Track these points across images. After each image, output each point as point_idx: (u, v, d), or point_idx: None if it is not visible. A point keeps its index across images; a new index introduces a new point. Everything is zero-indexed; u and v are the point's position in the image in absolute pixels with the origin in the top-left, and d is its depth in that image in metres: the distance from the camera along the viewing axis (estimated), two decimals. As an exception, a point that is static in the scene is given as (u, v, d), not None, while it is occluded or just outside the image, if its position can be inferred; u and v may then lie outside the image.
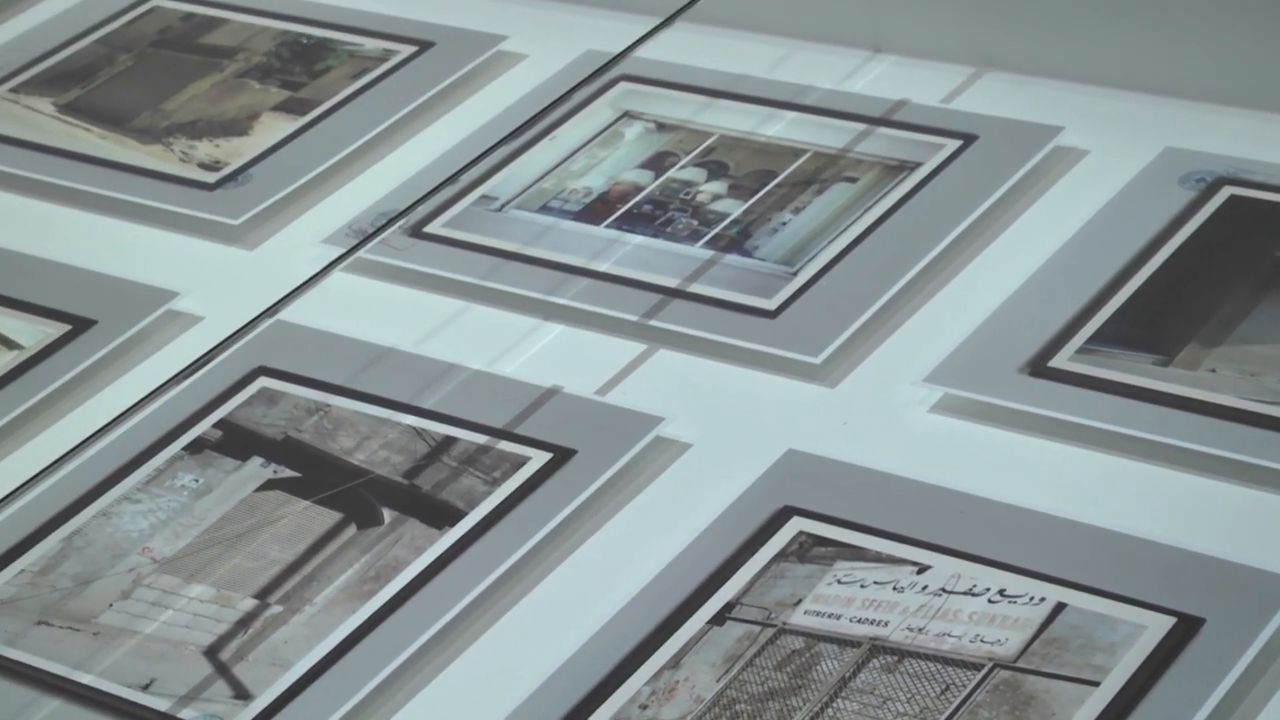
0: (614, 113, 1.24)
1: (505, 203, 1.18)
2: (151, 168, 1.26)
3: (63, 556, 0.99)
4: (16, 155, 1.28)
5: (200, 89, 1.32)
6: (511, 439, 1.02)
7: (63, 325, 1.13)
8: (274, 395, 1.07)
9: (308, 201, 1.22)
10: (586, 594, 0.94)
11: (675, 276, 1.10)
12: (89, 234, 1.22)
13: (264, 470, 1.02)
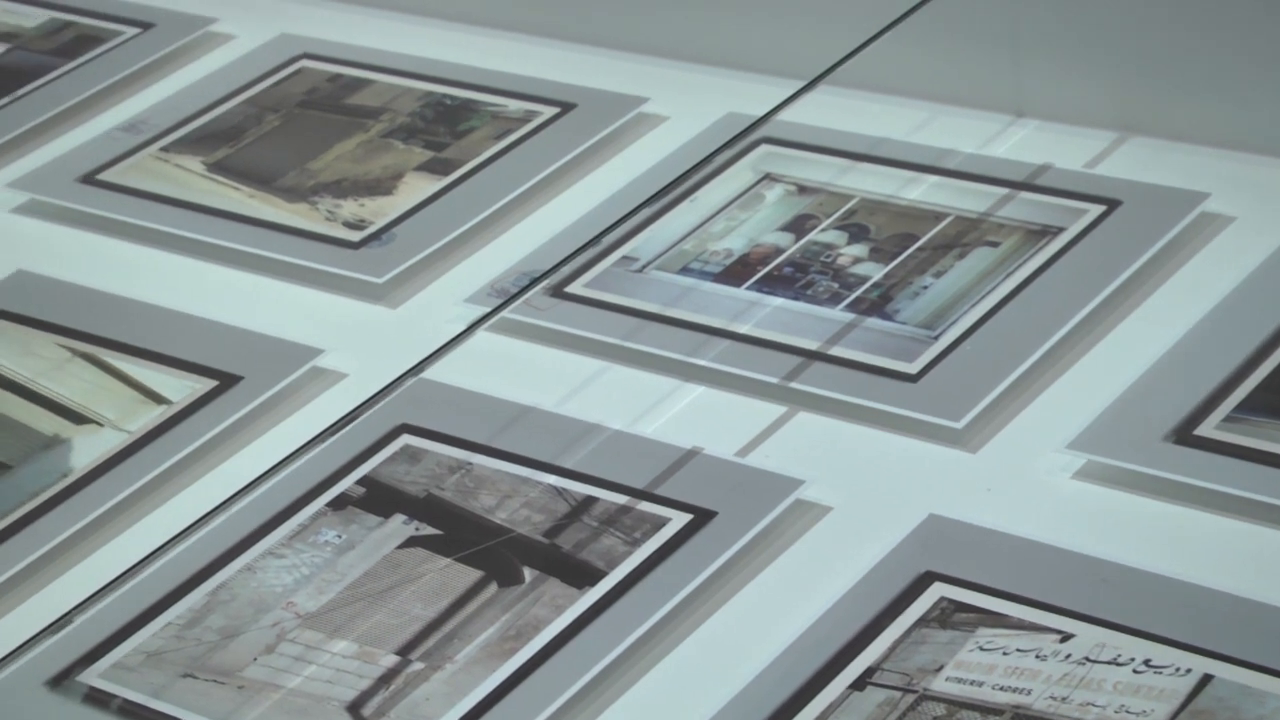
0: (755, 175, 1.24)
1: (646, 264, 1.19)
2: (297, 226, 1.27)
3: (208, 610, 1.00)
4: (166, 213, 1.30)
5: (346, 149, 1.34)
6: (652, 500, 1.02)
7: (210, 381, 1.15)
8: (416, 453, 1.08)
9: (450, 261, 1.23)
10: (726, 657, 0.94)
11: (816, 339, 1.11)
12: (236, 291, 1.24)
13: (406, 527, 1.03)
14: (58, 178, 1.35)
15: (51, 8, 1.53)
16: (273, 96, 1.41)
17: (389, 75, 1.41)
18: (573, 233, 1.22)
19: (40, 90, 1.44)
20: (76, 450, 1.11)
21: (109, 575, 1.01)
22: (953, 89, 1.26)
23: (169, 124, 1.39)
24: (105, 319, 1.21)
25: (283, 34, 1.47)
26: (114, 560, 1.04)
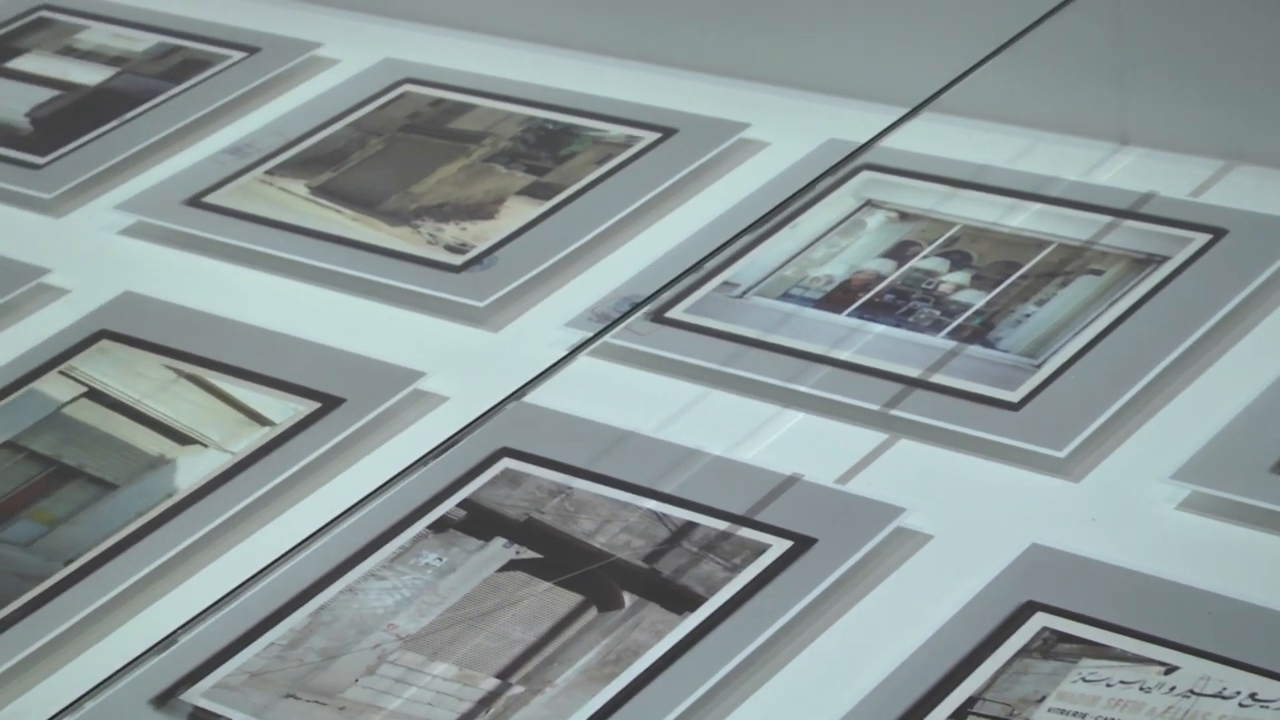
0: (856, 201, 1.24)
1: (747, 289, 1.19)
2: (400, 250, 1.28)
3: (310, 631, 1.01)
4: (271, 236, 1.31)
5: (448, 173, 1.35)
6: (751, 526, 1.02)
7: (312, 403, 1.16)
8: (517, 476, 1.08)
9: (551, 285, 1.24)
10: (825, 685, 0.93)
11: (917, 366, 1.10)
12: (339, 313, 1.25)
13: (506, 551, 1.04)
14: (165, 200, 1.37)
15: (160, 32, 1.55)
16: (376, 120, 1.42)
17: (491, 100, 1.41)
18: (673, 258, 1.22)
19: (148, 113, 1.45)
20: (181, 471, 1.12)
21: (213, 595, 1.02)
22: (1057, 115, 1.26)
23: (274, 147, 1.40)
24: (210, 340, 1.22)
25: (386, 59, 1.48)
26: (217, 580, 1.05)
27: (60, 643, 1.02)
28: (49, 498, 1.11)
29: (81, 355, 1.22)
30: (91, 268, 1.31)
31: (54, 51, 1.54)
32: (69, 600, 1.04)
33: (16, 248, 1.33)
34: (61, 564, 1.06)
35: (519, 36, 1.48)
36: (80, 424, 1.17)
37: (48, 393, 1.19)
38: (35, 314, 1.27)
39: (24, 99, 1.49)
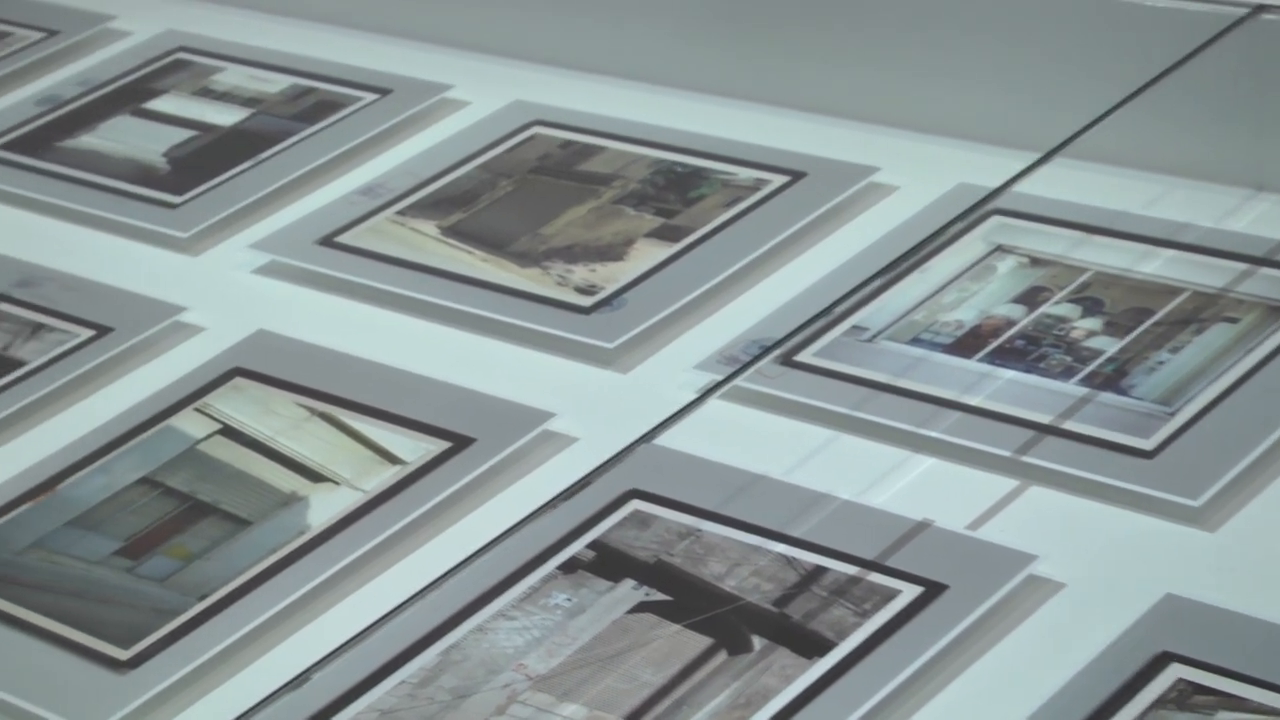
0: (986, 246, 1.24)
1: (876, 333, 1.19)
2: (529, 290, 1.29)
3: (440, 670, 1.01)
4: (402, 276, 1.33)
5: (577, 214, 1.36)
6: (882, 571, 1.02)
7: (443, 442, 1.17)
8: (646, 518, 1.09)
9: (680, 327, 1.24)
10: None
11: (1048, 413, 1.10)
12: (469, 354, 1.26)
13: (636, 593, 1.04)
14: (298, 239, 1.38)
15: (294, 74, 1.57)
16: (506, 162, 1.43)
17: (621, 142, 1.42)
18: (802, 301, 1.22)
19: (282, 154, 1.47)
20: (313, 508, 1.13)
21: (344, 632, 1.03)
22: (1191, 161, 1.25)
23: (405, 188, 1.42)
24: (342, 379, 1.23)
25: (517, 101, 1.49)
26: (349, 617, 1.06)
27: (195, 678, 1.04)
28: (184, 533, 1.13)
29: (216, 392, 1.24)
30: (226, 306, 1.33)
31: (191, 93, 1.57)
32: (203, 636, 1.05)
33: (154, 286, 1.35)
34: (196, 599, 1.08)
35: (649, 79, 1.48)
36: (215, 460, 1.18)
37: (183, 429, 1.21)
38: (171, 351, 1.29)
39: (162, 139, 1.52)
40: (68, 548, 1.13)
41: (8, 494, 1.17)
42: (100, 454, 1.20)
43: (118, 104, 1.57)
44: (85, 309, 1.33)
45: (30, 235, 1.43)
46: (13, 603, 1.09)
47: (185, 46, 1.63)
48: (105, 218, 1.44)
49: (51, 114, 1.57)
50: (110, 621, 1.07)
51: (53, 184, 1.48)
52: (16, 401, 1.25)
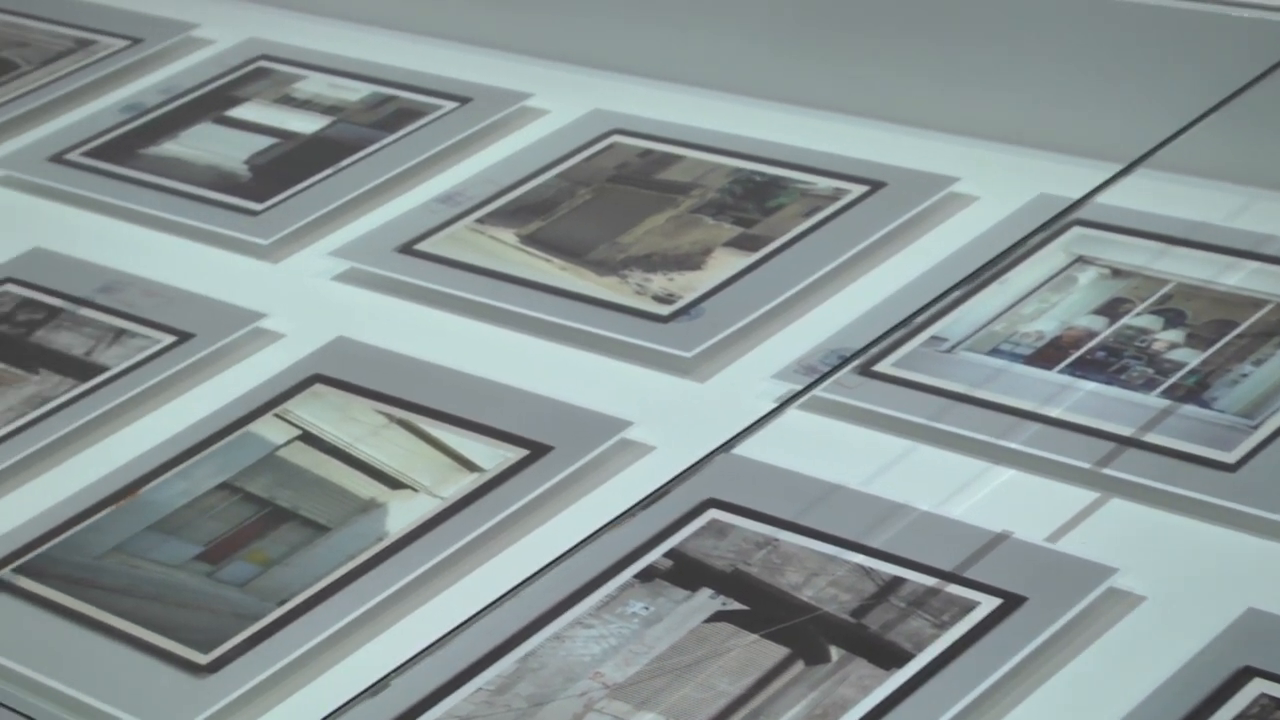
0: (1067, 257, 1.23)
1: (955, 344, 1.18)
2: (608, 299, 1.29)
3: (517, 677, 1.01)
4: (480, 283, 1.33)
5: (656, 223, 1.36)
6: (960, 582, 1.01)
7: (521, 450, 1.17)
8: (723, 528, 1.09)
9: (758, 336, 1.24)
10: (1035, 745, 0.93)
11: (1129, 425, 1.09)
12: (547, 361, 1.26)
13: (713, 602, 1.04)
14: (377, 247, 1.39)
15: (375, 82, 1.57)
16: (585, 171, 1.43)
17: (699, 151, 1.42)
18: (881, 312, 1.22)
19: (362, 162, 1.48)
20: (392, 515, 1.14)
21: (422, 639, 1.04)
22: (1275, 173, 1.24)
23: (484, 196, 1.42)
24: (421, 386, 1.24)
25: (595, 110, 1.49)
26: (427, 624, 1.06)
27: (274, 682, 1.04)
28: (264, 539, 1.13)
29: (296, 399, 1.24)
30: (306, 313, 1.34)
31: (272, 100, 1.58)
32: (282, 640, 1.06)
33: (234, 292, 1.36)
34: (275, 604, 1.08)
35: (728, 88, 1.49)
36: (294, 466, 1.19)
37: (263, 435, 1.22)
38: (251, 357, 1.30)
39: (243, 146, 1.53)
40: (148, 552, 1.14)
41: (90, 498, 1.18)
42: (181, 459, 1.21)
43: (200, 111, 1.58)
44: (167, 315, 1.34)
45: (113, 241, 1.44)
46: (94, 606, 1.10)
47: (267, 55, 1.64)
48: (187, 224, 1.45)
49: (135, 121, 1.58)
50: (190, 626, 1.08)
51: (136, 191, 1.49)
52: (99, 406, 1.26)
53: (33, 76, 1.66)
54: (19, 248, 1.44)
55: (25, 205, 1.51)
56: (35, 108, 1.62)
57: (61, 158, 1.55)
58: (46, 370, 1.30)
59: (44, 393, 1.28)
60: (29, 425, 1.25)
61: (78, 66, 1.66)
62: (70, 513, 1.17)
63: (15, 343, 1.34)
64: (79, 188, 1.51)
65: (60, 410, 1.26)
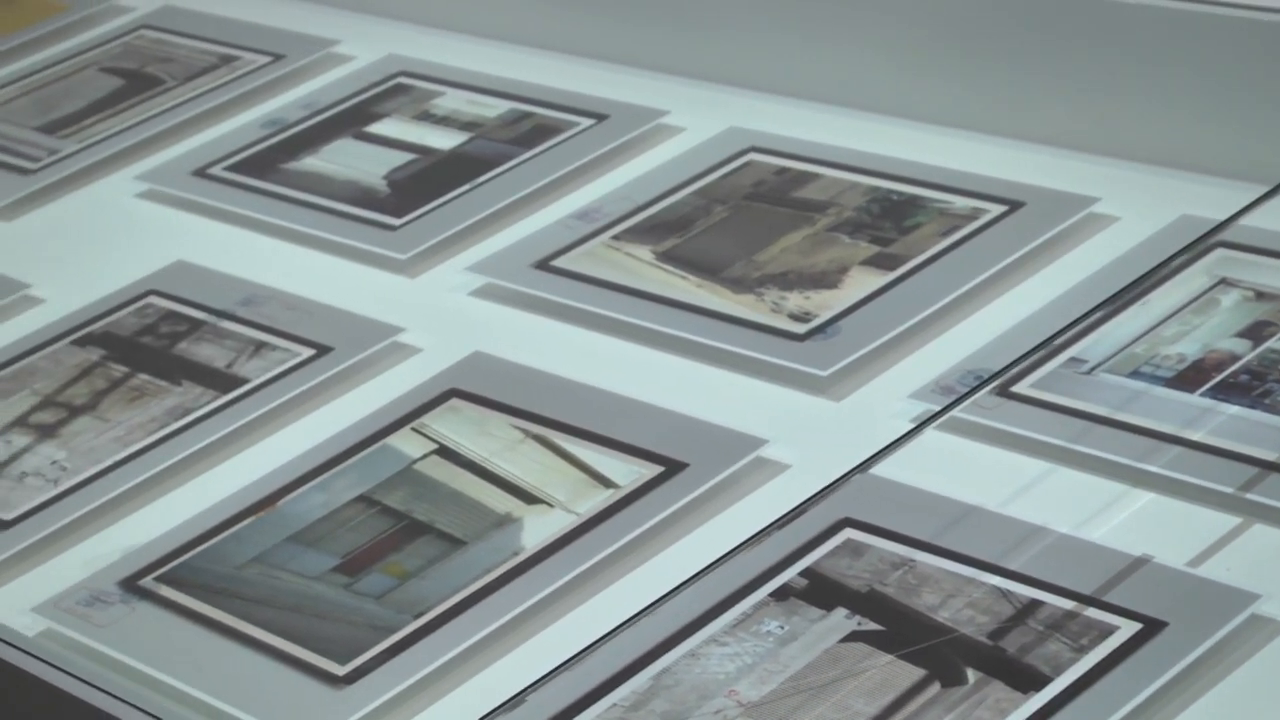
0: (1209, 279, 1.22)
1: (1095, 366, 1.17)
2: (743, 317, 1.29)
3: (652, 694, 1.01)
4: (616, 300, 1.33)
5: (792, 241, 1.36)
6: (1099, 606, 1.00)
7: (656, 467, 1.17)
8: (859, 547, 1.08)
9: (895, 356, 1.24)
10: (1175, 772, 0.92)
11: (1272, 449, 1.08)
12: (682, 379, 1.26)
13: (848, 622, 1.04)
14: (514, 263, 1.40)
15: (512, 99, 1.58)
16: (721, 188, 1.43)
17: (835, 169, 1.42)
18: (1019, 332, 1.21)
19: (499, 178, 1.49)
20: (527, 530, 1.14)
21: (556, 653, 1.04)
22: None
23: (620, 213, 1.42)
24: (556, 402, 1.24)
25: (732, 127, 1.50)
26: (561, 639, 1.06)
27: (410, 694, 1.05)
28: (400, 551, 1.14)
29: (433, 413, 1.25)
30: (443, 327, 1.35)
31: (411, 117, 1.59)
32: (419, 653, 1.07)
33: (373, 306, 1.37)
34: (412, 616, 1.09)
35: (864, 107, 1.48)
36: (431, 480, 1.20)
37: (400, 449, 1.23)
38: (389, 371, 1.31)
39: (382, 162, 1.54)
40: (287, 563, 1.15)
41: (230, 509, 1.20)
42: (319, 471, 1.22)
43: (340, 127, 1.60)
44: (306, 328, 1.35)
45: (254, 255, 1.46)
46: (234, 616, 1.11)
47: (406, 71, 1.66)
48: (326, 239, 1.46)
49: (276, 136, 1.60)
50: (327, 637, 1.09)
51: (276, 205, 1.51)
52: (239, 418, 1.27)
53: (177, 92, 1.69)
54: (162, 260, 1.46)
55: (169, 219, 1.53)
56: (179, 123, 1.64)
57: (204, 172, 1.57)
58: (189, 382, 1.32)
59: (186, 404, 1.30)
60: (171, 436, 1.27)
61: (221, 82, 1.69)
62: (211, 523, 1.19)
63: (158, 354, 1.36)
64: (221, 202, 1.53)
65: (201, 422, 1.27)
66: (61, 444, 1.28)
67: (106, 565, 1.16)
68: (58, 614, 1.13)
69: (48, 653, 1.03)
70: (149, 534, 1.19)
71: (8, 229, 1.56)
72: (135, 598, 1.13)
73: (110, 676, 1.04)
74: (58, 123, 1.67)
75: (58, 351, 1.37)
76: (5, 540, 1.20)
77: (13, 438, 1.29)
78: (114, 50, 1.79)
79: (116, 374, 1.34)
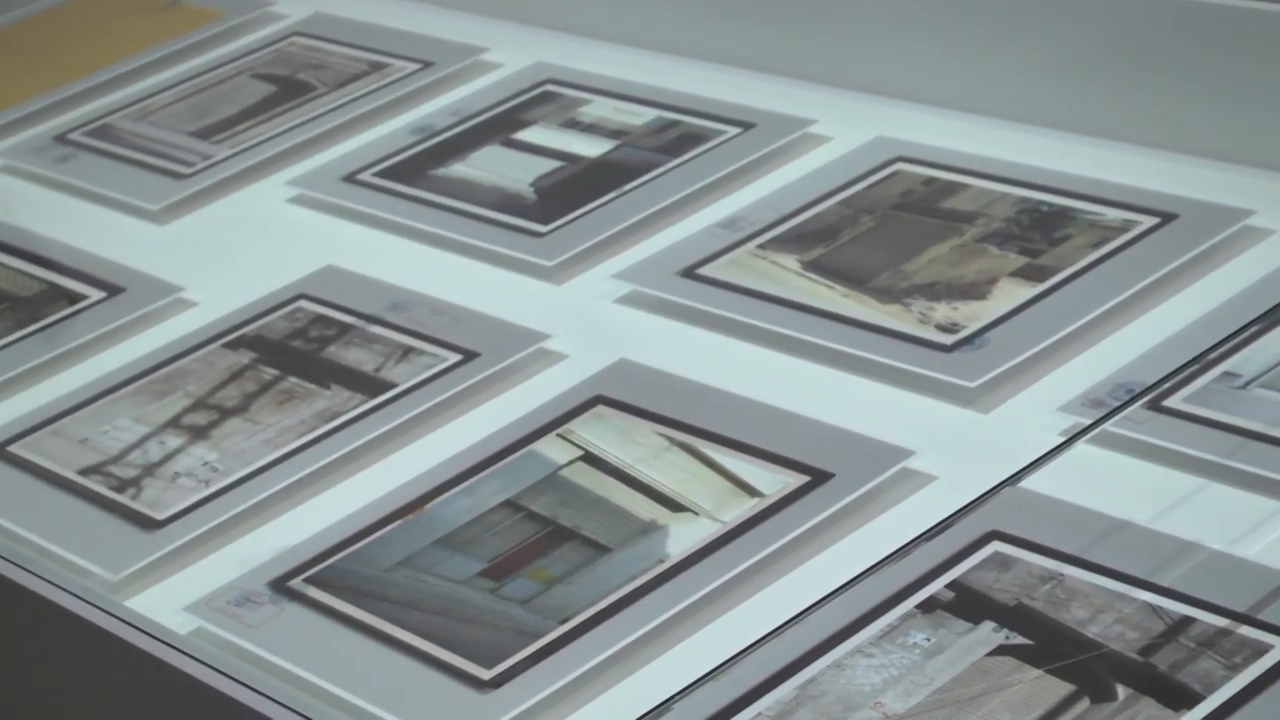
0: (1367, 294, 1.20)
1: (1249, 380, 1.16)
2: (890, 327, 1.29)
3: (798, 704, 1.01)
4: (762, 309, 1.33)
5: (940, 252, 1.35)
6: (1253, 624, 0.99)
7: (801, 476, 1.17)
8: (1006, 560, 1.07)
9: (1043, 368, 1.23)
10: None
11: None
12: (828, 388, 1.26)
13: (996, 635, 1.03)
14: (659, 270, 1.40)
15: (659, 107, 1.59)
16: (868, 198, 1.43)
17: (984, 180, 1.41)
18: (1171, 346, 1.20)
19: (645, 186, 1.49)
20: (673, 537, 1.14)
21: (702, 662, 1.04)
22: None
23: (766, 222, 1.42)
24: (702, 410, 1.24)
25: (879, 137, 1.49)
26: (706, 648, 1.06)
27: (555, 700, 1.05)
28: (546, 557, 1.15)
29: (578, 419, 1.26)
30: (589, 334, 1.35)
31: (558, 124, 1.60)
32: (564, 658, 1.07)
33: (520, 313, 1.38)
34: (557, 622, 1.09)
35: (1013, 117, 1.47)
36: (576, 486, 1.20)
37: (546, 454, 1.23)
38: (535, 377, 1.31)
39: (529, 169, 1.55)
40: (434, 566, 1.16)
41: (378, 511, 1.21)
42: (466, 476, 1.22)
43: (488, 134, 1.61)
44: (453, 333, 1.36)
45: (402, 260, 1.47)
46: (381, 618, 1.12)
47: (554, 79, 1.66)
48: (474, 245, 1.47)
49: (425, 143, 1.61)
50: (473, 640, 1.10)
51: (424, 211, 1.52)
52: (387, 422, 1.28)
53: (328, 98, 1.70)
54: (312, 265, 1.48)
55: (318, 224, 1.55)
56: (330, 129, 1.66)
57: (354, 178, 1.59)
58: (337, 385, 1.33)
59: (334, 407, 1.31)
60: (320, 439, 1.28)
61: (371, 89, 1.70)
62: (359, 526, 1.20)
63: (308, 358, 1.37)
64: (370, 207, 1.54)
65: (350, 425, 1.29)
66: (213, 445, 1.29)
67: (257, 566, 1.18)
68: (209, 613, 1.14)
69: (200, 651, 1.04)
70: (298, 536, 1.20)
71: (162, 233, 1.58)
72: (284, 599, 1.15)
73: (260, 676, 1.05)
74: (211, 128, 1.70)
75: (210, 354, 1.39)
76: (158, 540, 1.22)
77: (166, 439, 1.31)
78: (267, 57, 1.81)
79: (267, 377, 1.36)
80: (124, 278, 1.50)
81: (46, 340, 1.44)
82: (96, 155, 1.70)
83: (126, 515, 1.24)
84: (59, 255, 1.55)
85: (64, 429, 1.34)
